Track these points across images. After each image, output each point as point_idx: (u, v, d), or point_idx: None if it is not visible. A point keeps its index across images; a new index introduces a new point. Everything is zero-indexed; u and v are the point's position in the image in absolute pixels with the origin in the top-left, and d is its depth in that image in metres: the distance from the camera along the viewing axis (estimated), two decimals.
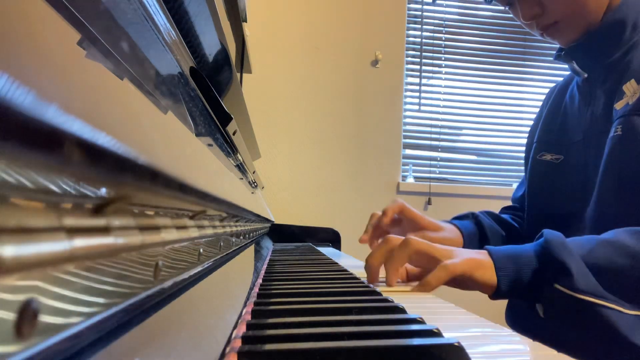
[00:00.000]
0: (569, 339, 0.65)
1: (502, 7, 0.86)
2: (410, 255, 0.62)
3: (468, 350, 0.26)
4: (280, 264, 0.78)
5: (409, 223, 0.93)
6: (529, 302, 0.64)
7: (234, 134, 0.66)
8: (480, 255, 0.63)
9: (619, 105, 0.74)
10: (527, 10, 0.80)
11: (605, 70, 0.79)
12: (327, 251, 1.24)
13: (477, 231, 0.93)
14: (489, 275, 0.62)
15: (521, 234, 0.97)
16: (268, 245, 1.26)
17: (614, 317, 0.56)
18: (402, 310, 0.38)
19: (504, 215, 1.02)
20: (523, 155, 1.03)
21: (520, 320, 0.88)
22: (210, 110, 0.53)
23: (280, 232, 1.60)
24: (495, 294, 0.63)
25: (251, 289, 0.48)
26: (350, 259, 1.09)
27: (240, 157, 0.78)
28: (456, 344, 0.27)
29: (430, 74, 2.31)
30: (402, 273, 0.69)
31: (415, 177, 2.24)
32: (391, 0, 2.25)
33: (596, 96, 0.80)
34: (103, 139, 0.13)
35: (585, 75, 0.82)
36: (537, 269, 0.61)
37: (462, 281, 0.61)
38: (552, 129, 0.92)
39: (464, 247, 0.88)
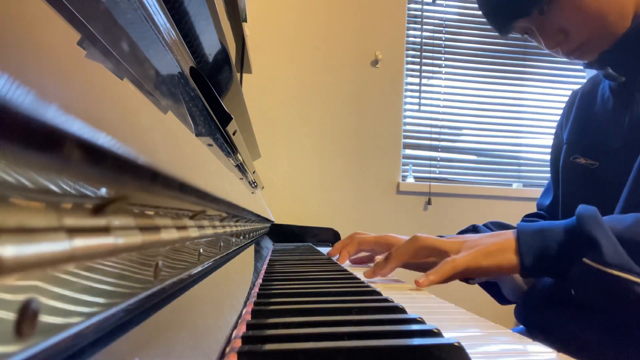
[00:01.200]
0: (600, 317, 0.63)
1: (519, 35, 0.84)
2: (417, 250, 0.62)
3: (468, 350, 0.26)
4: (280, 263, 0.78)
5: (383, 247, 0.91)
6: (557, 278, 0.62)
7: (234, 134, 0.66)
8: (500, 238, 0.62)
9: None
10: (549, 39, 0.78)
11: None
12: (327, 251, 1.24)
13: None
14: (506, 257, 0.60)
15: None
16: (268, 245, 1.26)
17: None
18: (402, 310, 0.38)
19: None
20: (523, 155, 1.01)
21: (531, 314, 0.87)
22: (210, 110, 0.53)
23: (280, 232, 1.60)
24: (522, 272, 0.61)
25: (251, 289, 0.48)
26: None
27: (240, 157, 0.78)
28: (456, 344, 0.27)
29: (430, 74, 2.31)
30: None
31: (415, 177, 2.24)
32: (391, 0, 2.25)
33: (635, 100, 0.77)
34: (103, 139, 0.13)
35: (623, 79, 0.79)
36: (564, 244, 0.59)
37: (472, 272, 0.61)
38: (584, 132, 0.88)
39: None
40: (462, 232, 0.94)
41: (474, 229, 0.92)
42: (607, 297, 0.57)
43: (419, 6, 2.31)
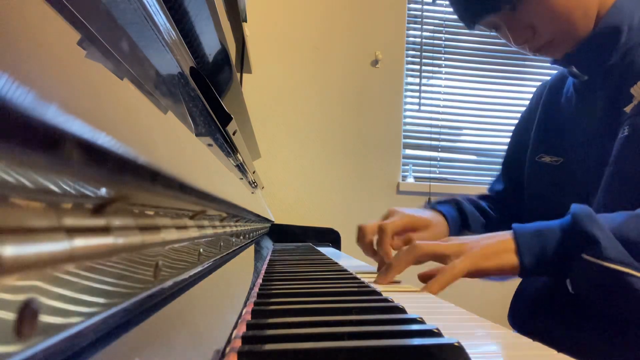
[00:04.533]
0: (601, 313, 0.64)
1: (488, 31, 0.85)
2: (417, 258, 0.63)
3: (468, 350, 0.26)
4: (280, 264, 0.78)
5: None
6: (557, 277, 0.63)
7: (234, 134, 0.66)
8: (498, 239, 0.63)
9: (628, 109, 0.73)
10: (517, 35, 0.79)
11: (606, 73, 0.79)
12: (327, 251, 1.24)
13: (459, 217, 0.93)
14: (506, 258, 0.62)
15: (497, 224, 0.96)
16: (268, 245, 1.26)
17: None
18: (402, 310, 0.38)
19: (482, 203, 1.01)
20: None
21: (523, 320, 0.88)
22: (210, 110, 0.53)
23: (280, 232, 1.60)
24: (521, 273, 0.62)
25: (251, 289, 0.48)
26: (350, 259, 1.09)
27: (240, 157, 0.78)
28: (456, 344, 0.27)
29: (430, 74, 2.31)
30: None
31: (415, 177, 2.24)
32: (391, 0, 2.25)
33: (596, 98, 0.80)
34: (103, 139, 0.13)
35: (586, 77, 0.82)
36: (563, 242, 0.61)
37: (474, 275, 0.62)
38: (549, 130, 0.91)
39: (449, 233, 0.88)
40: (441, 202, 0.95)
41: (455, 202, 0.94)
42: (606, 292, 0.58)
43: (419, 6, 2.31)
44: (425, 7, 2.31)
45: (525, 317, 0.87)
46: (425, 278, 0.66)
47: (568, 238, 0.61)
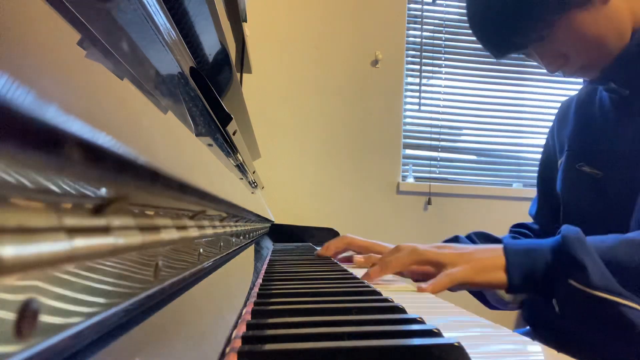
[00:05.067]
0: (587, 336, 0.65)
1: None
2: (417, 261, 0.64)
3: (468, 350, 0.26)
4: (280, 263, 0.78)
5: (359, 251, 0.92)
6: (544, 297, 0.63)
7: (234, 134, 0.66)
8: (491, 254, 0.64)
9: None
10: (550, 64, 0.79)
11: None
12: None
13: None
14: (496, 276, 0.62)
15: None
16: (268, 245, 1.26)
17: (630, 314, 0.55)
18: (402, 310, 0.38)
19: (506, 236, 0.97)
20: (523, 155, 1.01)
21: (537, 315, 0.87)
22: (210, 110, 0.53)
23: (280, 232, 1.60)
24: (509, 289, 0.63)
25: (251, 289, 0.48)
26: None
27: (240, 157, 0.78)
28: (456, 344, 0.27)
29: (430, 74, 2.31)
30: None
31: (415, 177, 2.24)
32: (391, 0, 2.25)
33: (637, 111, 0.78)
34: (103, 139, 0.13)
35: (627, 92, 0.79)
36: (551, 264, 0.61)
37: (465, 286, 0.63)
38: (588, 141, 0.88)
39: None
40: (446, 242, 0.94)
41: (455, 240, 0.92)
42: (592, 318, 0.59)
43: (419, 6, 2.31)
44: (425, 7, 2.31)
45: (539, 311, 0.86)
46: (416, 276, 0.67)
47: (556, 261, 0.61)
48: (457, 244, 0.69)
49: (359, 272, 0.68)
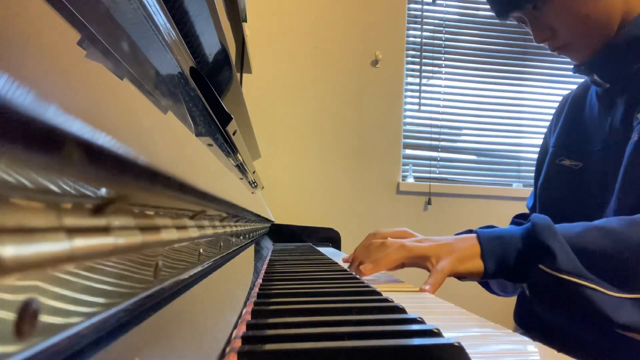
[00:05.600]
0: (557, 320, 0.69)
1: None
2: (406, 259, 0.67)
3: (468, 350, 0.26)
4: (280, 263, 0.78)
5: None
6: (517, 282, 0.67)
7: (234, 134, 0.66)
8: (468, 243, 0.67)
9: None
10: (538, 34, 0.83)
11: (626, 81, 0.79)
12: (327, 251, 1.24)
13: None
14: (474, 264, 0.66)
15: None
16: (268, 245, 1.26)
17: (596, 297, 0.59)
18: (402, 310, 0.38)
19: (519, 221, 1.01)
20: (523, 155, 1.03)
21: (528, 318, 0.88)
22: (210, 110, 0.53)
23: (280, 232, 1.60)
24: (484, 275, 0.66)
25: (251, 289, 0.48)
26: None
27: (240, 157, 0.78)
28: (456, 344, 0.27)
29: (430, 74, 2.31)
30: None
31: (415, 177, 2.24)
32: (391, 0, 2.25)
33: (616, 105, 0.81)
34: (103, 139, 0.13)
35: (607, 85, 0.83)
36: (522, 251, 0.65)
37: (454, 275, 0.67)
38: (571, 135, 0.92)
39: None
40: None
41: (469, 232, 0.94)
42: (560, 299, 0.62)
43: (419, 6, 2.31)
44: (425, 7, 2.31)
45: (530, 314, 0.87)
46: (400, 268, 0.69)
47: (527, 246, 0.64)
48: (436, 237, 0.71)
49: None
